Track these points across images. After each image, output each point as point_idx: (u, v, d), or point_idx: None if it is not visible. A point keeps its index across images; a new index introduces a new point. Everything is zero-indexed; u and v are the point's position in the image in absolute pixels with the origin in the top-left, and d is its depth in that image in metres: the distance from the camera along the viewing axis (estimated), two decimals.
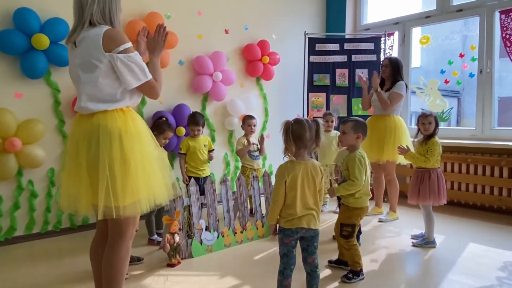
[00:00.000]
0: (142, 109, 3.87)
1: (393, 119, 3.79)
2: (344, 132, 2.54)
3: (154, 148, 1.89)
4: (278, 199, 1.97)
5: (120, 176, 1.71)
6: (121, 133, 1.73)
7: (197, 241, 2.90)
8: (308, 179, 1.98)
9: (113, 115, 1.75)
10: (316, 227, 2.00)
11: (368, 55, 4.94)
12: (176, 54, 4.05)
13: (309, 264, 2.05)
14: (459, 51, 4.57)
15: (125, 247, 1.86)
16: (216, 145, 4.48)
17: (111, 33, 1.73)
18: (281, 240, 2.02)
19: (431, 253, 2.98)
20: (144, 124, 1.89)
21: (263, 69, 4.73)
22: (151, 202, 1.83)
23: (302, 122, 1.98)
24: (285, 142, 1.97)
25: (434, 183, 3.02)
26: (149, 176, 1.81)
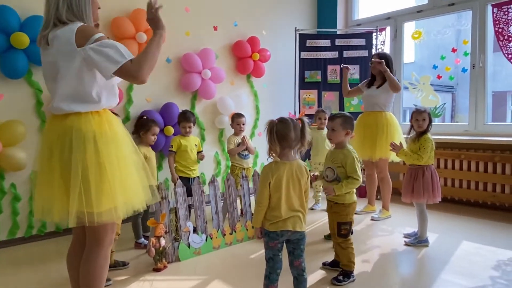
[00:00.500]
0: (129, 109, 3.78)
1: (384, 115, 3.72)
2: (333, 129, 2.45)
3: (132, 152, 1.81)
4: (262, 201, 1.91)
5: (94, 181, 1.63)
6: (95, 136, 1.65)
7: (185, 244, 2.83)
8: (293, 180, 1.92)
9: (87, 117, 1.67)
10: (302, 230, 1.94)
11: (360, 51, 4.87)
12: (163, 52, 3.84)
13: (296, 268, 1.99)
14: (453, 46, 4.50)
15: (103, 255, 1.79)
16: (207, 144, 4.41)
17: (82, 28, 1.65)
18: (266, 244, 1.95)
19: (424, 252, 2.92)
20: (121, 127, 1.80)
21: (253, 66, 4.64)
22: (129, 208, 1.75)
23: (286, 121, 1.91)
24: (269, 142, 1.90)
25: (428, 181, 2.96)
26: (126, 181, 1.73)
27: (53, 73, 1.69)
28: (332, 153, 2.51)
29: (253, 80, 4.84)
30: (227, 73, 4.49)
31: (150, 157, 3.10)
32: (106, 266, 1.81)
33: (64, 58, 1.64)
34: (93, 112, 1.69)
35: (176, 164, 3.43)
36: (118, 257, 2.77)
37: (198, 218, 2.94)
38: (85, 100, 1.67)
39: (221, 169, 4.55)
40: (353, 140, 3.80)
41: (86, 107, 1.68)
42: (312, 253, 2.88)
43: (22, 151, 3.04)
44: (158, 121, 3.71)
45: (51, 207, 1.68)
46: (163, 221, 2.70)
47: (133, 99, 3.80)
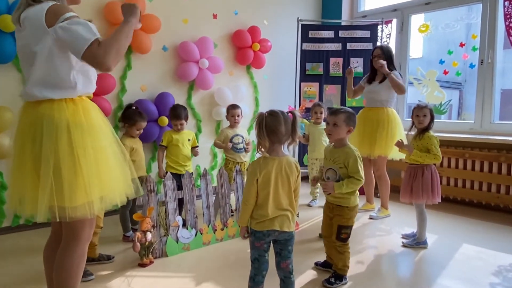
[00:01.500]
0: (122, 98, 3.67)
1: (386, 111, 3.57)
2: (336, 124, 2.28)
3: (112, 143, 1.70)
4: (249, 199, 1.80)
5: (67, 173, 1.52)
6: (69, 125, 1.54)
7: (173, 239, 2.73)
8: (282, 177, 1.80)
9: (60, 104, 1.55)
10: (290, 230, 1.83)
11: (364, 44, 4.70)
12: (159, 39, 3.83)
13: (283, 270, 1.88)
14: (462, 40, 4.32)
15: (79, 251, 1.69)
16: (203, 136, 4.30)
17: (54, 7, 1.53)
18: (252, 244, 1.85)
19: (422, 254, 2.80)
20: (100, 116, 1.69)
21: (253, 56, 4.50)
22: (107, 202, 1.64)
23: (277, 114, 1.79)
24: (258, 136, 1.79)
25: (428, 180, 2.83)
26: (104, 174, 1.62)
27: (25, 57, 1.58)
28: (332, 152, 2.34)
29: (253, 71, 4.71)
30: (226, 63, 4.36)
31: (137, 148, 2.99)
32: (82, 262, 1.72)
33: (35, 40, 1.53)
34: (68, 99, 1.58)
35: (167, 159, 3.30)
36: (104, 251, 2.68)
37: (188, 213, 2.84)
38: (58, 86, 1.56)
39: (218, 162, 4.44)
40: (352, 136, 3.66)
41: (59, 93, 1.56)
42: (304, 252, 2.78)
43: (9, 138, 2.94)
44: (149, 112, 3.61)
45: (23, 199, 1.58)
46: (150, 215, 2.60)
47: (126, 87, 3.69)
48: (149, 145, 3.86)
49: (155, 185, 2.70)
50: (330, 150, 2.36)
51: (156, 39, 3.77)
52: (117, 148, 1.71)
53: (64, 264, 1.66)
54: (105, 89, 3.43)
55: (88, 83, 1.66)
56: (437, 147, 2.80)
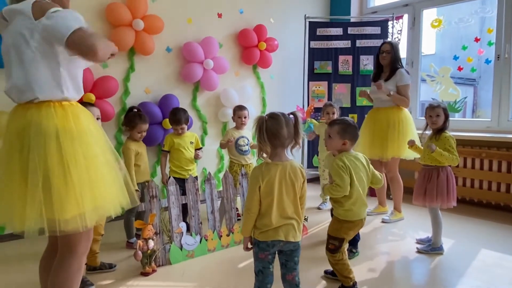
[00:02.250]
0: (126, 100, 3.60)
1: (396, 111, 3.41)
2: (329, 136, 2.19)
3: (106, 151, 1.62)
4: (252, 207, 1.70)
5: (56, 184, 1.44)
6: (58, 132, 1.45)
7: (177, 246, 2.64)
8: (286, 183, 1.70)
9: (48, 110, 1.47)
10: (296, 240, 1.72)
11: (374, 40, 4.55)
12: (163, 40, 3.75)
13: (289, 283, 1.77)
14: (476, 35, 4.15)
15: (75, 265, 1.61)
16: (209, 138, 4.21)
17: (41, 3, 1.47)
18: (255, 255, 1.74)
19: (438, 261, 2.66)
20: (91, 122, 1.60)
21: (259, 56, 4.39)
22: (100, 214, 1.55)
23: (278, 117, 1.69)
24: (258, 141, 1.68)
25: (443, 183, 2.68)
26: (96, 184, 1.53)
27: (10, 58, 1.51)
28: (327, 158, 2.34)
29: (259, 71, 4.60)
30: (231, 63, 4.26)
31: (141, 152, 2.91)
32: (79, 276, 1.65)
33: (21, 36, 1.46)
34: (56, 104, 1.50)
35: (170, 164, 3.22)
36: (106, 258, 2.60)
37: (192, 219, 2.74)
38: (43, 85, 1.48)
39: (224, 164, 4.34)
40: (362, 138, 3.52)
41: (45, 93, 1.48)
42: (313, 259, 2.66)
43: None
44: (153, 115, 3.55)
45: (11, 214, 1.50)
46: (152, 222, 2.52)
47: (130, 89, 3.62)
48: (154, 149, 3.79)
49: (157, 190, 2.62)
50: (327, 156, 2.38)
51: (159, 40, 3.69)
52: (110, 157, 1.63)
53: (59, 278, 1.59)
54: (107, 92, 3.36)
55: (75, 86, 1.57)
56: (455, 148, 2.65)
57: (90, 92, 3.23)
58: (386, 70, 3.47)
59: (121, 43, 3.38)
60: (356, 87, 4.61)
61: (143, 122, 2.89)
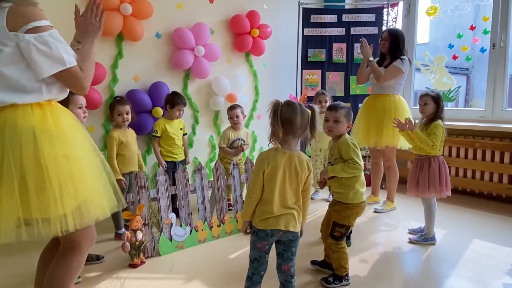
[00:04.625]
0: (114, 88, 3.49)
1: (393, 99, 3.37)
2: (337, 120, 2.14)
3: (89, 152, 1.54)
4: (254, 192, 1.68)
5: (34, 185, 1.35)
6: (35, 133, 1.36)
7: (166, 237, 2.59)
8: (290, 173, 1.67)
9: (25, 110, 1.38)
10: (296, 230, 1.69)
11: (369, 28, 4.48)
12: (152, 26, 3.64)
13: (284, 273, 1.75)
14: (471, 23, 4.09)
15: (75, 262, 1.57)
16: (200, 127, 4.14)
17: (18, 8, 1.36)
18: (253, 243, 1.72)
19: (430, 251, 2.64)
20: (72, 122, 1.51)
21: (252, 43, 4.30)
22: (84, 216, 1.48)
23: (294, 104, 1.66)
24: (272, 125, 1.64)
25: (435, 173, 2.65)
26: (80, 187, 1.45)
27: None
28: (331, 146, 2.25)
29: (252, 58, 4.50)
30: (223, 50, 4.16)
31: (126, 141, 2.83)
32: (77, 273, 1.62)
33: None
34: (34, 104, 1.41)
35: (161, 149, 3.24)
36: (94, 250, 2.54)
37: (182, 209, 2.69)
38: (21, 90, 1.39)
39: (216, 154, 4.27)
40: (358, 126, 3.49)
41: (22, 97, 1.39)
42: (302, 249, 2.61)
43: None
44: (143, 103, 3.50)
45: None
46: (141, 213, 2.46)
47: (118, 77, 3.51)
48: (144, 138, 3.70)
49: (146, 180, 2.55)
50: (331, 146, 2.27)
51: (148, 25, 3.58)
52: (95, 158, 1.55)
53: (56, 273, 1.55)
54: (95, 79, 3.20)
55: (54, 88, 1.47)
56: (438, 137, 2.61)
57: None
58: (387, 58, 3.41)
59: (108, 28, 3.27)
60: (350, 75, 4.54)
61: (121, 104, 2.82)
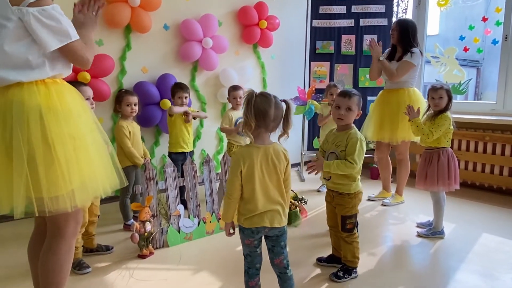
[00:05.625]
0: (122, 80, 3.50)
1: (407, 92, 3.30)
2: (350, 108, 2.07)
3: (93, 130, 1.56)
4: (233, 192, 1.63)
5: (43, 163, 1.38)
6: (41, 111, 1.39)
7: (174, 228, 2.61)
8: (268, 167, 1.64)
9: (31, 88, 1.40)
10: (282, 225, 1.67)
11: (378, 19, 4.42)
12: (159, 18, 3.63)
13: (277, 266, 1.75)
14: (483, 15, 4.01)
15: (65, 247, 1.57)
16: (208, 120, 4.13)
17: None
18: (242, 240, 1.71)
19: (439, 245, 2.63)
20: (77, 100, 1.53)
21: (260, 35, 4.27)
22: (89, 193, 1.51)
23: (268, 96, 1.62)
24: (245, 115, 1.60)
25: (444, 166, 2.62)
26: (83, 163, 1.48)
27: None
28: (336, 136, 2.16)
29: (260, 50, 4.48)
30: (231, 42, 4.14)
31: (133, 133, 2.85)
32: (69, 260, 1.60)
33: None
34: (39, 82, 1.43)
35: (169, 138, 3.30)
36: (103, 241, 2.58)
37: (190, 201, 2.70)
38: (25, 67, 1.41)
39: (224, 146, 4.28)
40: (371, 121, 3.44)
41: (28, 75, 1.41)
42: (311, 246, 2.61)
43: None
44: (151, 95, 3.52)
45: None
46: (149, 204, 2.47)
47: (126, 68, 3.52)
48: (151, 130, 3.72)
49: (154, 172, 2.56)
50: (335, 134, 2.19)
51: (156, 17, 3.57)
52: (98, 136, 1.57)
53: (48, 262, 1.55)
54: (103, 71, 3.26)
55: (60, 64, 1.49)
56: (440, 128, 2.58)
57: (85, 71, 3.13)
58: (398, 50, 3.35)
59: (116, 20, 3.27)
60: (358, 68, 4.50)
61: (130, 94, 2.85)
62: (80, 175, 1.46)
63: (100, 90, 3.23)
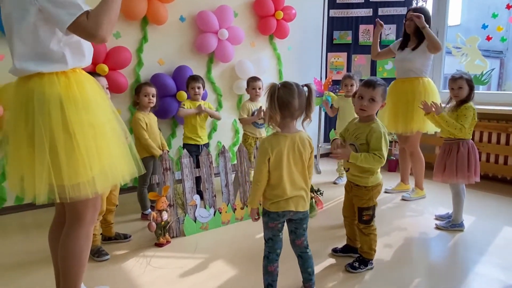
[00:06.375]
0: (139, 72, 3.54)
1: (422, 82, 3.24)
2: (373, 99, 2.02)
3: (112, 120, 1.58)
4: (261, 179, 1.68)
5: (64, 152, 1.41)
6: (62, 100, 1.41)
7: (191, 218, 2.64)
8: (294, 155, 1.68)
9: (51, 79, 1.43)
10: (305, 209, 1.74)
11: (397, 8, 4.33)
12: (175, 9, 3.64)
13: (298, 247, 1.81)
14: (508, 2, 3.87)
15: (83, 234, 1.61)
16: (224, 111, 4.15)
17: None
18: (265, 224, 1.75)
19: (457, 238, 2.58)
20: (96, 90, 1.55)
21: (276, 26, 4.24)
22: (108, 181, 1.54)
23: (291, 86, 1.64)
24: (269, 109, 1.63)
25: (463, 158, 2.56)
26: (103, 151, 1.51)
27: (9, 28, 1.45)
28: (357, 126, 2.11)
29: (276, 41, 4.45)
30: (247, 33, 4.13)
31: (149, 124, 2.88)
32: (87, 246, 1.64)
33: (17, 8, 1.40)
34: (59, 73, 1.45)
35: (184, 130, 3.30)
36: (121, 229, 2.64)
37: (206, 191, 2.73)
38: (46, 58, 1.43)
39: (239, 138, 4.29)
40: (384, 112, 3.38)
41: (48, 66, 1.43)
42: (326, 237, 2.60)
43: None
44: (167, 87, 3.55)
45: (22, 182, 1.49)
46: (166, 194, 2.51)
47: (143, 61, 3.55)
48: (168, 122, 3.76)
49: (171, 163, 2.59)
50: (356, 125, 2.14)
51: (172, 9, 3.59)
52: (116, 125, 1.59)
53: (68, 248, 1.59)
54: (121, 63, 3.31)
55: (80, 55, 1.51)
56: (468, 119, 2.52)
57: (103, 63, 3.18)
58: (413, 39, 3.27)
59: (133, 12, 3.30)
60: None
61: (148, 85, 2.89)
62: (100, 162, 1.49)
63: (118, 82, 3.27)
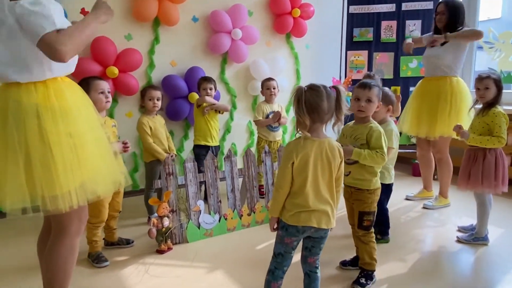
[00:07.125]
0: (151, 74, 3.52)
1: (450, 81, 2.97)
2: (370, 100, 1.92)
3: (94, 128, 1.52)
4: (283, 185, 1.55)
5: (39, 162, 1.37)
6: (38, 111, 1.37)
7: (194, 224, 2.57)
8: (322, 162, 1.54)
9: (29, 88, 1.38)
10: (329, 227, 1.57)
11: (423, 3, 4.06)
12: (188, 10, 3.58)
13: (309, 265, 1.66)
14: None
15: (67, 245, 1.57)
16: (238, 113, 4.06)
17: None
18: (280, 238, 1.60)
19: (481, 253, 2.36)
20: (78, 97, 1.50)
21: (293, 24, 4.10)
22: (87, 193, 1.48)
23: (318, 88, 1.52)
24: (297, 113, 1.52)
25: (490, 166, 2.33)
26: (84, 163, 1.45)
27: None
28: (355, 129, 2.00)
29: (293, 40, 4.31)
30: (262, 32, 4.02)
31: (154, 128, 2.82)
32: (71, 257, 1.60)
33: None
34: (37, 82, 1.40)
35: (195, 133, 3.27)
36: (127, 233, 2.61)
37: (210, 197, 2.64)
38: (25, 67, 1.38)
39: (254, 140, 4.18)
40: (408, 113, 3.16)
41: (26, 75, 1.39)
42: (333, 248, 2.43)
43: None
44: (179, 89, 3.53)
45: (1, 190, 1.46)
46: (167, 200, 2.44)
47: (155, 62, 3.52)
48: (180, 123, 3.71)
49: (174, 167, 2.53)
50: (351, 127, 2.04)
51: (184, 9, 3.53)
52: (100, 133, 1.53)
53: (52, 259, 1.56)
54: (131, 65, 3.29)
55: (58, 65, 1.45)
56: (503, 127, 2.28)
57: (113, 65, 3.17)
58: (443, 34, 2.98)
59: (144, 13, 3.28)
60: (400, 56, 4.18)
61: (153, 89, 2.84)
62: (80, 173, 1.44)
63: (129, 84, 3.26)
